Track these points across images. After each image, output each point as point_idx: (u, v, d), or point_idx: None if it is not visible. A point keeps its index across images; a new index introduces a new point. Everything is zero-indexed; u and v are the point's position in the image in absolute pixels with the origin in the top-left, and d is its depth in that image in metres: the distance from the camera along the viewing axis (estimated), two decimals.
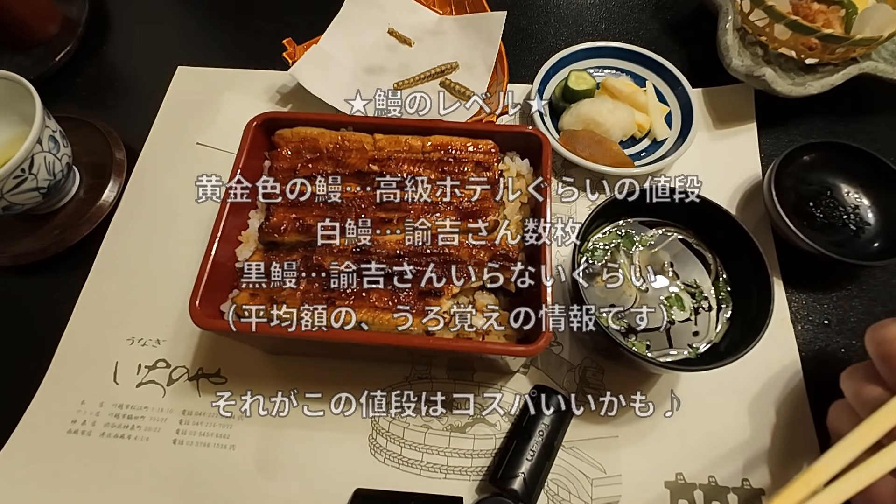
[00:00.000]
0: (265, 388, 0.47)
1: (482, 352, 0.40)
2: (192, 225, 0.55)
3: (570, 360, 0.49)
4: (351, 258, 0.42)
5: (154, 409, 0.48)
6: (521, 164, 0.47)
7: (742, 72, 0.56)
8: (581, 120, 0.57)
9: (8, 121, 0.54)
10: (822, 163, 0.53)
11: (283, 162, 0.47)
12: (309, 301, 0.41)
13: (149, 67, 0.69)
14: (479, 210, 0.44)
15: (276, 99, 0.65)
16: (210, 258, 0.42)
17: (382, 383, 0.48)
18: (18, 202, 0.51)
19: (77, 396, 0.49)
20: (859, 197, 0.52)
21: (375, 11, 0.68)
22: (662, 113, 0.59)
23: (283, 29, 0.67)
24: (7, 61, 0.67)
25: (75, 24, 0.70)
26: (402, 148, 0.47)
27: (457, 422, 0.46)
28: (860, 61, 0.56)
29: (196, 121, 0.63)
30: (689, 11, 0.70)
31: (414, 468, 0.45)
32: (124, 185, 0.59)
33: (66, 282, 0.54)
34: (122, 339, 0.51)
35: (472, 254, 0.42)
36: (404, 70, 0.65)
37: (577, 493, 0.43)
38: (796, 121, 0.60)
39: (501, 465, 0.42)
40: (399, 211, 0.44)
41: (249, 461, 0.46)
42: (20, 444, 0.47)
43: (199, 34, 0.75)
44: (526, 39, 0.69)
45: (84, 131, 0.61)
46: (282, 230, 0.44)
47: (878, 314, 0.50)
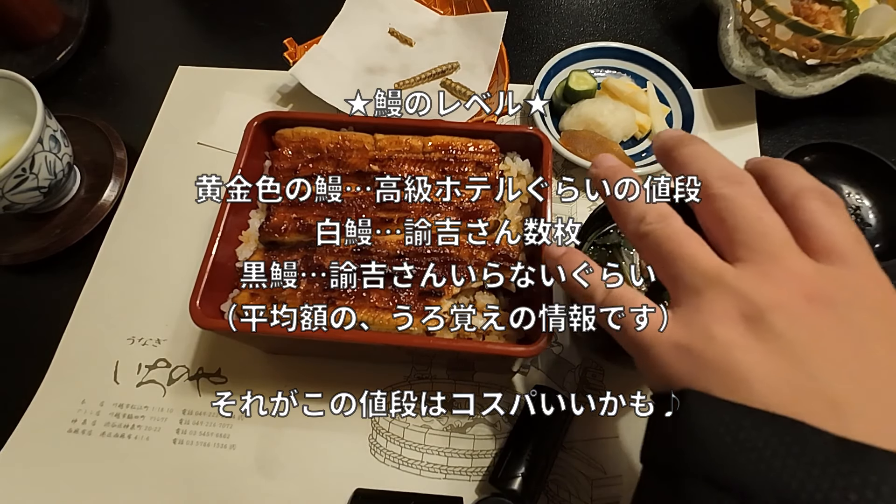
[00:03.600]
0: (265, 388, 0.47)
1: (482, 352, 0.40)
2: (193, 225, 0.55)
3: (570, 360, 0.49)
4: (351, 258, 0.42)
5: (154, 409, 0.48)
6: (521, 165, 0.47)
7: (743, 72, 0.56)
8: (582, 120, 0.57)
9: (9, 120, 0.54)
10: (823, 164, 0.53)
11: (284, 162, 0.47)
12: (309, 301, 0.41)
13: (150, 67, 0.69)
14: (479, 210, 0.44)
15: (277, 99, 0.65)
16: (210, 258, 0.42)
17: (382, 383, 0.48)
18: (19, 201, 0.51)
19: (77, 396, 0.49)
20: (860, 198, 0.52)
21: (376, 11, 0.68)
22: (663, 113, 0.59)
23: (284, 29, 0.67)
24: (8, 60, 0.67)
25: (76, 23, 0.70)
26: (402, 148, 0.47)
27: (457, 422, 0.46)
28: (861, 62, 0.56)
29: (197, 120, 0.63)
30: (690, 12, 0.70)
31: (414, 468, 0.45)
32: (125, 185, 0.59)
33: (66, 281, 0.54)
34: (123, 338, 0.51)
35: (472, 254, 0.42)
36: (405, 70, 0.65)
37: (577, 493, 0.43)
38: (797, 121, 0.60)
39: (501, 466, 0.42)
40: (399, 211, 0.44)
41: (249, 461, 0.46)
42: (20, 444, 0.47)
43: (200, 34, 0.75)
44: (527, 39, 0.69)
45: (85, 131, 0.61)
46: (282, 230, 0.44)
47: None
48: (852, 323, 0.23)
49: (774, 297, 0.24)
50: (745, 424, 0.22)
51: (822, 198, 0.27)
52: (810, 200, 0.27)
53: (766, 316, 0.24)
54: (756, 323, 0.24)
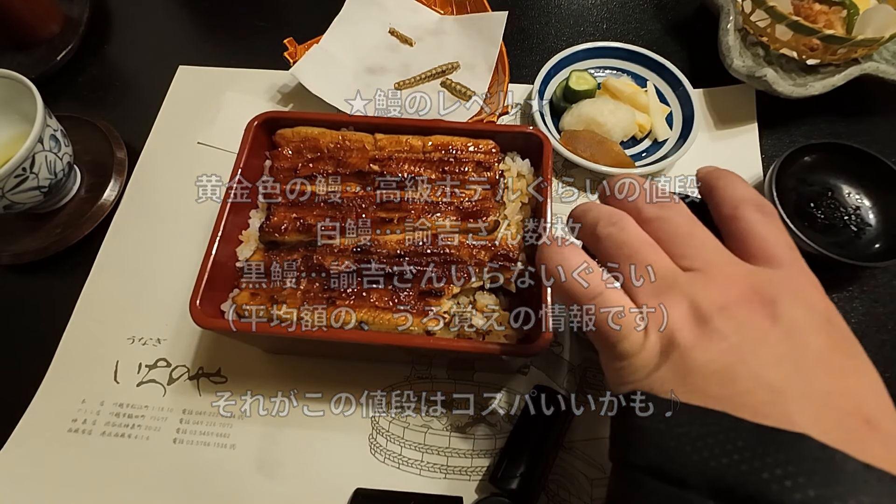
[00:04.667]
0: (265, 388, 0.47)
1: (482, 352, 0.40)
2: (193, 224, 0.55)
3: (570, 360, 0.49)
4: (351, 258, 0.42)
5: (154, 409, 0.48)
6: (521, 165, 0.47)
7: (743, 72, 0.56)
8: (582, 120, 0.57)
9: (9, 119, 0.54)
10: (823, 164, 0.53)
11: (284, 161, 0.47)
12: (309, 301, 0.41)
13: (150, 67, 0.69)
14: (479, 210, 0.43)
15: (277, 98, 0.65)
16: (210, 257, 0.42)
17: (382, 383, 0.48)
18: (19, 201, 0.51)
19: (78, 395, 0.49)
20: (860, 198, 0.52)
21: (376, 11, 0.68)
22: (663, 113, 0.59)
23: (284, 28, 0.67)
24: (8, 60, 0.67)
25: (77, 23, 0.70)
26: (402, 148, 0.47)
27: (457, 422, 0.46)
28: (862, 62, 0.56)
29: (197, 120, 0.63)
30: (690, 12, 0.70)
31: (414, 468, 0.45)
32: (125, 185, 0.59)
33: (66, 281, 0.54)
34: (123, 338, 0.51)
35: (472, 254, 0.42)
36: (405, 70, 0.65)
37: (577, 493, 0.43)
38: (797, 121, 0.60)
39: (501, 465, 0.42)
40: (399, 211, 0.44)
41: (249, 461, 0.46)
42: (21, 443, 0.47)
43: (201, 34, 0.75)
44: (527, 39, 0.69)
45: (85, 130, 0.61)
46: (282, 230, 0.44)
47: (879, 315, 0.50)
48: (789, 318, 0.25)
49: (719, 299, 0.26)
50: (683, 420, 0.24)
51: (759, 209, 0.29)
52: (748, 211, 0.29)
53: (714, 319, 0.26)
54: (706, 324, 0.26)
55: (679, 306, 0.27)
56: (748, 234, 0.29)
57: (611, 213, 0.31)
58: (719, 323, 0.25)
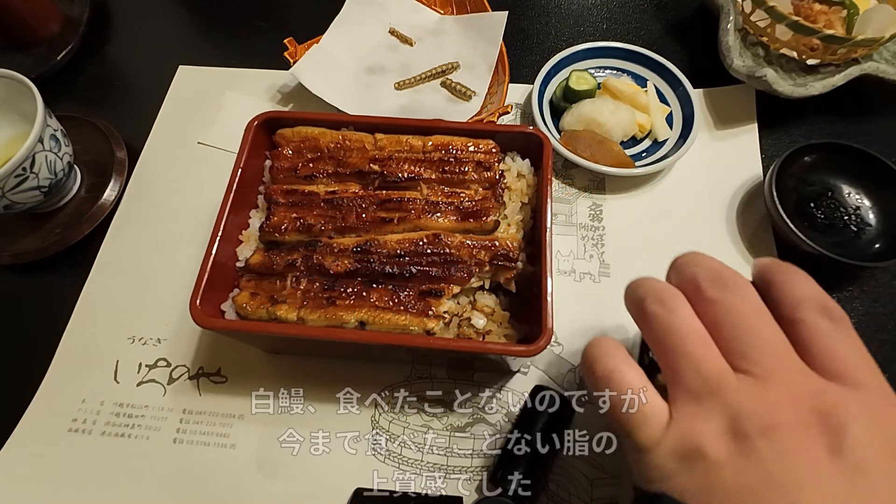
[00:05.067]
0: (265, 388, 0.47)
1: (482, 352, 0.40)
2: (193, 224, 0.55)
3: (570, 360, 0.49)
4: (351, 258, 0.42)
5: (154, 408, 0.48)
6: (521, 164, 0.47)
7: (743, 72, 0.56)
8: (582, 120, 0.57)
9: (9, 119, 0.54)
10: (823, 164, 0.53)
11: (284, 161, 0.47)
12: (309, 301, 0.41)
13: (150, 66, 0.69)
14: (479, 210, 0.44)
15: (278, 98, 0.65)
16: (211, 257, 0.42)
17: (382, 383, 0.48)
18: (19, 201, 0.51)
19: (78, 395, 0.49)
20: (860, 198, 0.52)
21: (377, 11, 0.68)
22: (663, 113, 0.59)
23: (284, 28, 0.67)
24: (9, 60, 0.67)
25: (77, 23, 0.70)
26: (402, 148, 0.47)
27: (457, 422, 0.46)
28: (862, 62, 0.56)
29: (197, 120, 0.63)
30: (690, 12, 0.70)
31: (414, 468, 0.45)
32: (125, 185, 0.59)
33: (66, 281, 0.54)
34: (123, 337, 0.51)
35: (472, 254, 0.42)
36: (405, 70, 0.65)
37: (577, 493, 0.43)
38: (797, 121, 0.60)
39: (501, 465, 0.42)
40: (399, 211, 0.44)
41: (249, 461, 0.46)
42: (21, 443, 0.47)
43: (201, 33, 0.75)
44: (527, 39, 0.69)
45: (85, 130, 0.61)
46: (282, 230, 0.44)
47: (879, 315, 0.50)
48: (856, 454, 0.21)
49: (769, 418, 0.23)
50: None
51: (825, 313, 0.25)
52: (811, 315, 0.25)
53: (756, 439, 0.23)
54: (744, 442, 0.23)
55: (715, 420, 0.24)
56: (813, 346, 0.25)
57: (662, 289, 0.27)
58: (761, 444, 0.22)
